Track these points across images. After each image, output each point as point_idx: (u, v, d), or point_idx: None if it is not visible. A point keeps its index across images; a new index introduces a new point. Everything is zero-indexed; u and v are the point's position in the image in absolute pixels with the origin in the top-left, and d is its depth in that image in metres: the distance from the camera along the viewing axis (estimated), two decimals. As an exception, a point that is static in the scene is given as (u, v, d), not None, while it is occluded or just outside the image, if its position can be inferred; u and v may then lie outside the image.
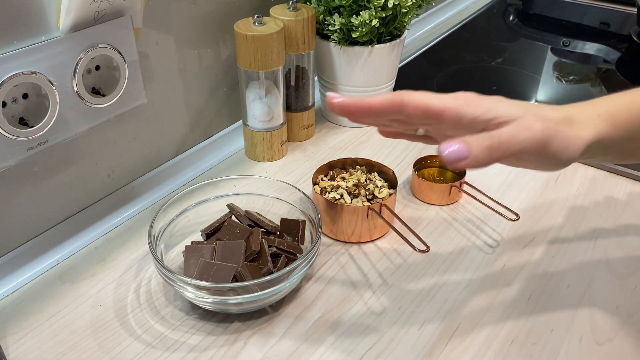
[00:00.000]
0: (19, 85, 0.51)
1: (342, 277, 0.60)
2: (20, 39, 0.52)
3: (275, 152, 0.79)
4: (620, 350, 0.52)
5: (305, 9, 0.74)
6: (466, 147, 0.38)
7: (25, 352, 0.53)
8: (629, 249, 0.64)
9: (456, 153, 0.38)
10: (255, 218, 0.62)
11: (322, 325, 0.55)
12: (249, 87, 0.74)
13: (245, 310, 0.55)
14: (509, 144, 0.39)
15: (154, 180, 0.73)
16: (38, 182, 0.59)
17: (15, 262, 0.59)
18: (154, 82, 0.68)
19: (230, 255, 0.56)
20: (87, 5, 0.53)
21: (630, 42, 1.16)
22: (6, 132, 0.51)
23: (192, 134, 0.77)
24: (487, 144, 0.39)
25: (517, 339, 0.54)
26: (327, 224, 0.64)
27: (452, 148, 0.38)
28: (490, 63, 1.09)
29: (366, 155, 0.76)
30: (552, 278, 0.60)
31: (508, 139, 0.39)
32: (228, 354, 0.52)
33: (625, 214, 0.69)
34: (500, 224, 0.67)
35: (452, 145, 0.38)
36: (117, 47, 0.58)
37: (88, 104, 0.57)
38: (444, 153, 0.38)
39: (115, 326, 0.55)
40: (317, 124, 0.86)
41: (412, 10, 0.77)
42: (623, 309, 0.57)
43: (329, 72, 0.82)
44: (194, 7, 0.69)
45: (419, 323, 0.55)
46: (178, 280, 0.52)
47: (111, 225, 0.67)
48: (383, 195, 0.65)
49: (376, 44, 0.78)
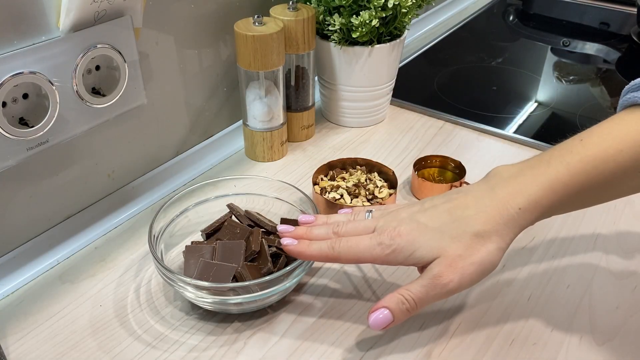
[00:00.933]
0: (19, 85, 0.51)
1: (342, 277, 0.60)
2: (20, 39, 0.52)
3: (275, 152, 0.79)
4: (620, 350, 0.52)
5: (305, 9, 0.74)
6: (390, 316, 0.46)
7: (25, 352, 0.53)
8: (629, 249, 0.64)
9: (382, 320, 0.46)
10: (255, 218, 0.62)
11: (322, 325, 0.55)
12: (249, 87, 0.74)
13: (245, 310, 0.55)
14: (422, 302, 0.47)
15: (154, 180, 0.73)
16: (38, 182, 0.59)
17: (15, 262, 0.60)
18: (154, 82, 0.68)
19: (230, 255, 0.56)
20: (87, 5, 0.53)
21: (630, 42, 1.16)
22: (6, 132, 0.51)
23: (192, 134, 0.77)
24: (405, 308, 0.47)
25: (517, 339, 0.54)
26: (327, 224, 0.64)
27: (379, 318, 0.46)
28: (490, 63, 1.09)
29: (366, 155, 0.76)
30: (552, 278, 0.60)
31: (421, 300, 0.46)
32: (228, 354, 0.52)
33: (625, 214, 0.69)
34: (500, 224, 0.67)
35: (378, 316, 0.46)
36: (117, 47, 0.58)
37: (88, 104, 0.57)
38: (372, 324, 0.46)
39: (115, 326, 0.55)
40: (317, 124, 0.86)
41: (412, 10, 0.77)
42: (623, 309, 0.57)
43: (329, 72, 0.82)
44: (194, 7, 0.69)
45: (419, 323, 0.55)
46: (178, 280, 0.52)
47: (111, 225, 0.67)
48: (383, 195, 0.65)
49: (376, 44, 0.78)
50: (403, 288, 0.47)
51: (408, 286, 0.47)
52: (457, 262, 0.45)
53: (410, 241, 0.47)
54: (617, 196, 0.49)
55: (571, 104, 0.95)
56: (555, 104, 0.94)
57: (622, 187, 0.47)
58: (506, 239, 0.46)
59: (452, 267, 0.45)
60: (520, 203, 0.46)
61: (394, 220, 0.49)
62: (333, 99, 0.85)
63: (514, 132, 0.84)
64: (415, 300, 0.46)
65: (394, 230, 0.48)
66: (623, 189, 0.48)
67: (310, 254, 0.51)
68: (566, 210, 0.49)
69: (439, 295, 0.46)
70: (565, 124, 0.89)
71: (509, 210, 0.46)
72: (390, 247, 0.47)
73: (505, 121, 0.88)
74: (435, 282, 0.46)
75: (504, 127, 0.86)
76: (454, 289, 0.46)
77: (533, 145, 0.81)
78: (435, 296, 0.46)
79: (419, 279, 0.47)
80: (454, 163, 0.73)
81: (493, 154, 0.79)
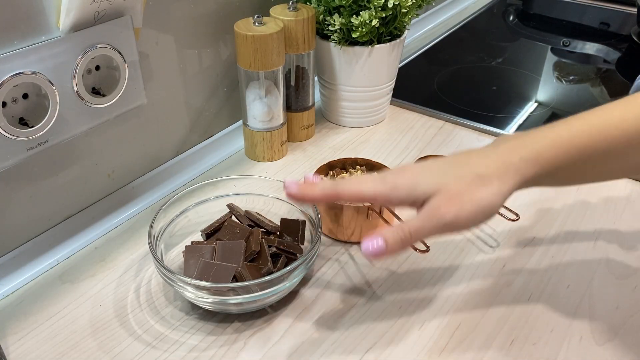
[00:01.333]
0: (19, 85, 0.51)
1: (342, 277, 0.60)
2: (20, 39, 0.52)
3: (275, 152, 0.79)
4: (620, 350, 0.52)
5: (305, 9, 0.74)
6: (383, 244, 0.45)
7: (25, 352, 0.53)
8: (629, 249, 0.64)
9: (375, 249, 0.45)
10: (255, 218, 0.62)
11: (322, 325, 0.55)
12: (249, 87, 0.74)
13: (245, 310, 0.55)
14: (418, 234, 0.46)
15: (154, 180, 0.73)
16: (38, 182, 0.59)
17: (15, 262, 0.60)
18: (154, 82, 0.68)
19: (230, 255, 0.56)
20: (87, 5, 0.53)
21: (630, 42, 1.16)
22: (6, 132, 0.51)
23: (192, 134, 0.77)
24: (399, 237, 0.45)
25: (517, 339, 0.54)
26: (327, 224, 0.64)
27: (371, 245, 0.45)
28: (490, 63, 1.09)
29: (366, 155, 0.76)
30: (552, 278, 0.60)
31: (417, 230, 0.46)
32: (228, 354, 0.52)
33: (625, 214, 0.69)
34: (500, 224, 0.67)
35: (370, 243, 0.45)
36: (117, 47, 0.58)
37: (88, 104, 0.57)
38: (365, 251, 0.45)
39: (115, 326, 0.55)
40: (317, 124, 0.86)
41: (412, 10, 0.77)
42: (623, 309, 0.57)
43: (329, 72, 0.82)
44: (194, 7, 0.69)
45: (419, 323, 0.55)
46: (178, 280, 0.52)
47: (111, 225, 0.67)
48: (383, 195, 0.65)
49: (376, 44, 0.78)
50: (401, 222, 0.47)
51: (407, 220, 0.47)
52: (457, 197, 0.45)
53: (413, 178, 0.47)
54: (622, 172, 0.49)
55: (571, 104, 0.95)
56: (555, 104, 0.94)
57: (626, 161, 0.47)
58: (507, 184, 0.46)
59: (451, 201, 0.45)
60: (521, 153, 0.46)
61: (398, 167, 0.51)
62: (333, 99, 0.85)
63: (514, 132, 0.84)
64: (410, 231, 0.46)
65: (398, 171, 0.49)
66: (628, 163, 0.47)
67: (312, 194, 0.49)
68: (568, 176, 0.48)
69: (435, 227, 0.45)
70: (565, 124, 0.89)
71: (511, 158, 0.46)
72: (393, 182, 0.47)
73: (505, 121, 0.88)
74: (432, 214, 0.45)
75: (504, 127, 0.86)
76: (451, 222, 0.45)
77: (533, 145, 0.81)
78: (432, 229, 0.46)
79: (418, 214, 0.47)
80: (454, 163, 0.73)
81: (493, 154, 0.79)
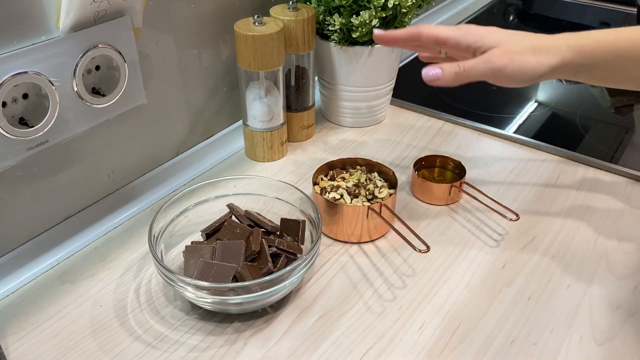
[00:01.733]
0: (19, 85, 0.51)
1: (342, 277, 0.60)
2: (20, 39, 0.52)
3: (275, 152, 0.79)
4: (620, 350, 0.52)
5: (305, 9, 0.74)
6: (440, 72, 0.56)
7: (25, 352, 0.53)
8: (629, 249, 0.64)
9: (432, 75, 0.56)
10: (255, 218, 0.62)
11: (322, 325, 0.55)
12: (249, 87, 0.74)
13: (245, 310, 0.55)
14: (470, 72, 0.56)
15: (154, 180, 0.73)
16: (38, 182, 0.59)
17: (15, 262, 0.60)
18: (154, 82, 0.68)
19: (230, 255, 0.56)
20: (87, 5, 0.53)
21: (630, 42, 1.16)
22: (6, 132, 0.51)
23: (192, 134, 0.77)
24: (454, 71, 0.56)
25: (517, 339, 0.54)
26: (327, 224, 0.64)
27: (431, 72, 0.56)
28: (490, 63, 1.09)
29: (366, 155, 0.76)
30: (552, 278, 0.60)
31: (470, 69, 0.56)
32: (228, 354, 0.52)
33: (625, 214, 0.69)
34: (500, 224, 0.67)
35: (431, 70, 0.56)
36: (117, 47, 0.58)
37: (88, 104, 0.57)
38: (424, 75, 0.56)
39: (115, 326, 0.55)
40: (317, 124, 0.86)
41: (412, 10, 0.77)
42: (623, 309, 0.57)
43: (329, 72, 0.82)
44: (194, 7, 0.69)
45: (419, 323, 0.55)
46: (178, 280, 0.52)
47: (111, 225, 0.67)
48: (383, 195, 0.65)
49: (376, 44, 0.78)
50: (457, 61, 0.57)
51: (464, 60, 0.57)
52: (510, 53, 0.55)
53: (481, 33, 0.58)
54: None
55: (571, 104, 0.95)
56: (555, 104, 0.94)
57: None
58: (551, 60, 0.55)
59: (504, 54, 0.55)
60: (569, 41, 0.56)
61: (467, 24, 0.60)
62: (333, 99, 0.85)
63: (514, 132, 0.85)
64: (465, 67, 0.56)
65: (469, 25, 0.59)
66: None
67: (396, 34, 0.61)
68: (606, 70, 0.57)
69: (485, 70, 0.55)
70: (565, 124, 0.89)
71: (560, 43, 0.56)
72: (466, 30, 0.58)
73: (505, 121, 0.88)
74: (487, 59, 0.55)
75: (504, 127, 0.86)
76: (498, 70, 0.55)
77: (533, 145, 0.81)
78: (482, 70, 0.55)
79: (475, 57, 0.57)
80: (454, 163, 0.73)
81: (493, 154, 0.79)
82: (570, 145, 0.80)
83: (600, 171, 0.76)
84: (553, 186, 0.73)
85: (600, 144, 0.81)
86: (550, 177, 0.75)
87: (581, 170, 0.76)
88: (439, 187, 0.70)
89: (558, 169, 0.77)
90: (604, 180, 0.74)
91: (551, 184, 0.74)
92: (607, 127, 0.89)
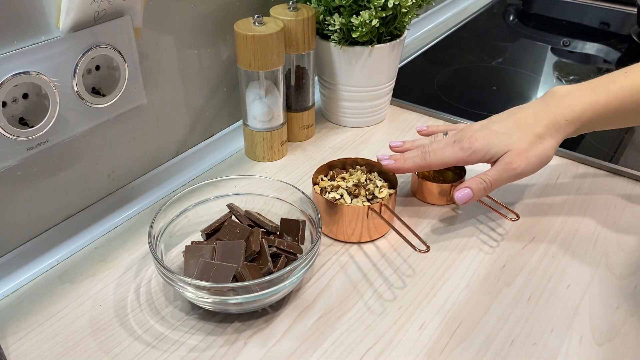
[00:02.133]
0: (19, 85, 0.51)
1: (342, 277, 0.60)
2: (20, 39, 0.52)
3: (275, 152, 0.79)
4: (620, 350, 0.52)
5: (305, 9, 0.74)
6: (470, 192, 0.61)
7: (25, 352, 0.53)
8: (629, 249, 0.64)
9: (465, 197, 0.61)
10: (255, 218, 0.62)
11: (322, 325, 0.55)
12: (249, 87, 0.74)
13: (245, 310, 0.55)
14: (496, 183, 0.61)
15: (154, 180, 0.73)
16: (38, 182, 0.59)
17: (15, 262, 0.60)
18: (154, 82, 0.68)
19: (230, 255, 0.56)
20: (87, 5, 0.53)
21: (630, 42, 1.16)
22: (6, 132, 0.51)
23: (192, 134, 0.77)
24: (482, 187, 0.61)
25: (517, 339, 0.54)
26: (327, 224, 0.64)
27: (461, 194, 0.61)
28: (490, 63, 1.09)
29: (366, 155, 0.76)
30: (552, 278, 0.60)
31: (496, 180, 0.61)
32: (228, 354, 0.52)
33: (625, 214, 0.69)
34: (500, 224, 0.67)
35: (461, 192, 0.61)
36: (117, 47, 0.58)
37: (88, 104, 0.57)
38: (457, 199, 0.61)
39: (115, 326, 0.55)
40: (317, 124, 0.86)
41: (412, 10, 0.77)
42: (623, 309, 0.57)
43: (329, 72, 0.82)
44: (194, 7, 0.69)
45: (419, 323, 0.55)
46: (178, 280, 0.52)
47: (111, 225, 0.67)
48: (383, 195, 0.65)
49: (376, 44, 0.78)
50: (481, 173, 0.61)
51: (485, 172, 0.61)
52: (523, 153, 0.60)
53: (486, 143, 0.61)
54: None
55: (571, 104, 0.94)
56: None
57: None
58: (556, 139, 0.61)
59: (519, 156, 0.60)
60: (567, 116, 0.60)
61: (469, 131, 0.63)
62: (333, 99, 0.85)
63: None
64: (490, 181, 0.60)
65: (472, 137, 0.62)
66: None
67: (406, 167, 0.65)
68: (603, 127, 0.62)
69: (509, 177, 0.60)
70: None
71: (559, 121, 0.61)
72: (470, 149, 0.61)
73: (505, 121, 0.87)
74: (506, 167, 0.60)
75: (504, 127, 0.85)
76: (521, 173, 0.60)
77: (533, 145, 0.81)
78: (507, 178, 0.61)
79: (493, 167, 0.61)
80: (454, 163, 0.73)
81: (493, 154, 0.79)
82: (570, 145, 0.80)
83: (600, 171, 0.76)
84: (553, 186, 0.73)
85: (600, 144, 0.81)
86: (550, 177, 0.75)
87: (581, 170, 0.76)
88: (439, 187, 0.70)
89: (558, 169, 0.77)
90: (604, 180, 0.74)
91: (551, 184, 0.74)
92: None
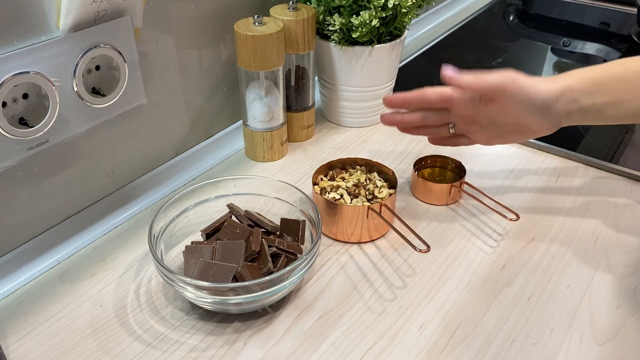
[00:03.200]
0: (19, 85, 0.51)
1: (342, 277, 0.60)
2: (20, 39, 0.52)
3: (275, 152, 0.79)
4: (620, 350, 0.52)
5: (305, 9, 0.74)
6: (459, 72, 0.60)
7: (25, 352, 0.53)
8: (629, 249, 0.64)
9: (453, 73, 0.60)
10: (255, 218, 0.62)
11: (322, 325, 0.55)
12: (249, 87, 0.74)
13: (245, 310, 0.55)
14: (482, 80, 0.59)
15: (154, 180, 0.73)
16: (38, 182, 0.59)
17: (15, 262, 0.60)
18: (154, 82, 0.68)
19: (230, 255, 0.56)
20: (87, 6, 0.53)
21: (630, 42, 1.16)
22: (6, 132, 0.51)
23: (192, 134, 0.77)
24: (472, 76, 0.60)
25: (517, 339, 0.54)
26: (327, 224, 0.64)
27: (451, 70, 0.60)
28: (490, 63, 1.09)
29: (366, 155, 0.76)
30: (552, 278, 0.60)
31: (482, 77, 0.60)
32: (228, 354, 0.52)
33: (625, 214, 0.69)
34: (500, 224, 0.67)
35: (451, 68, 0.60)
36: (117, 47, 0.58)
37: (88, 104, 0.57)
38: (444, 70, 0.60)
39: (115, 326, 0.55)
40: (317, 124, 0.86)
41: (412, 10, 0.77)
42: (623, 309, 0.57)
43: (329, 72, 0.82)
44: (194, 7, 0.69)
45: (419, 323, 0.55)
46: (178, 280, 0.52)
47: (111, 225, 0.67)
48: (383, 195, 0.65)
49: (376, 44, 0.78)
50: None
51: None
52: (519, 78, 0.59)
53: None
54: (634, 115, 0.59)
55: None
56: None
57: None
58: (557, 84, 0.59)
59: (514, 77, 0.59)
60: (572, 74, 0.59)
61: None
62: (333, 99, 0.85)
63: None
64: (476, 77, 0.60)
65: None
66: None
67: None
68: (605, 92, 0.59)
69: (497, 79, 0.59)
70: (565, 124, 0.89)
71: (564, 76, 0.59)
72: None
73: (505, 121, 0.87)
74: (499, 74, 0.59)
75: (504, 127, 0.86)
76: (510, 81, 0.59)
77: (533, 145, 0.81)
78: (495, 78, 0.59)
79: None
80: (454, 163, 0.73)
81: (493, 154, 0.79)
82: (570, 145, 0.80)
83: (600, 171, 0.76)
84: (553, 186, 0.73)
85: (600, 144, 0.81)
86: (550, 177, 0.75)
87: (581, 170, 0.76)
88: (439, 187, 0.70)
89: (558, 169, 0.77)
90: (604, 180, 0.74)
91: (551, 184, 0.74)
92: (607, 127, 0.89)
